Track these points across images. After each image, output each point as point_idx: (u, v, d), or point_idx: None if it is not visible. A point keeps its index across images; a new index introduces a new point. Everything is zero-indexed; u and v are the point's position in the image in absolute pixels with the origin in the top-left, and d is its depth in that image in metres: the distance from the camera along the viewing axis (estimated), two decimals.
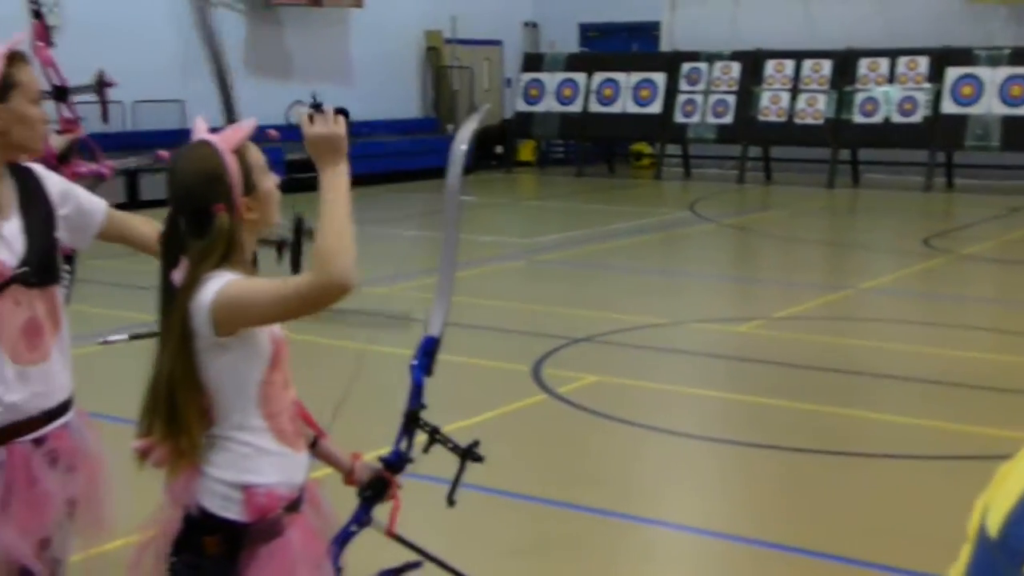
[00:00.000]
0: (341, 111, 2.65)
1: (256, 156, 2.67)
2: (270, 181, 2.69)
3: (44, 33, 4.98)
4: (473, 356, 8.05)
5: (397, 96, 22.52)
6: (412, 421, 3.07)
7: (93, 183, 3.90)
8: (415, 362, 3.11)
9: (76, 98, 4.78)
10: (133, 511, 3.18)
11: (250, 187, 2.63)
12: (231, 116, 3.45)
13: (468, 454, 3.11)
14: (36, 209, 3.04)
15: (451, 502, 3.11)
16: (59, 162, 3.64)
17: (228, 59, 3.42)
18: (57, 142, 4.00)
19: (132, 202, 16.74)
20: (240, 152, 2.63)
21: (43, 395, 3.03)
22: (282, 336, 2.70)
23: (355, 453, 3.02)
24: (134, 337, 3.36)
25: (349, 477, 3.01)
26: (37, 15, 4.11)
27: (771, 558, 5.11)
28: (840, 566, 4.99)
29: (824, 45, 21.10)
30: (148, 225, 3.23)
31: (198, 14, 3.24)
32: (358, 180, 2.66)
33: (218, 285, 2.54)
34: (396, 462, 3.02)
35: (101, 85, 5.16)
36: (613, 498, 5.79)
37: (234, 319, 2.55)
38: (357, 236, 2.54)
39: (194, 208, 2.59)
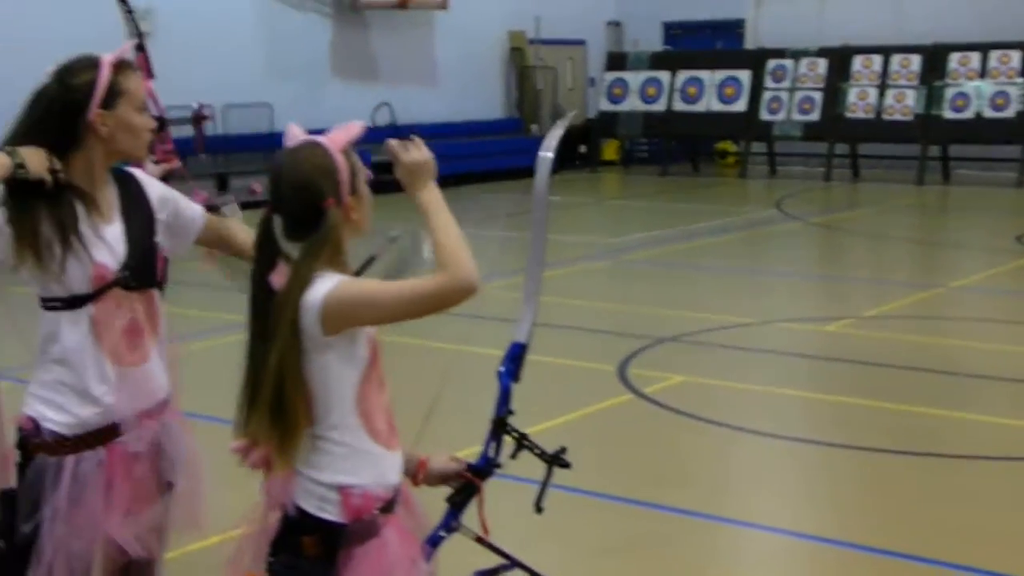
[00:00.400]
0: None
1: (358, 161, 2.73)
2: (367, 190, 2.74)
3: (146, 65, 5.08)
4: (559, 356, 8.06)
5: (481, 97, 22.60)
6: (500, 427, 3.09)
7: None
8: (502, 368, 3.13)
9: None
10: (227, 509, 3.25)
11: (355, 188, 2.69)
12: None
13: (555, 460, 3.12)
14: (137, 214, 3.11)
15: (539, 508, 3.12)
16: None
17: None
18: (154, 172, 4.09)
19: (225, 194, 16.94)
20: (346, 153, 2.69)
21: (142, 395, 3.10)
22: (375, 335, 2.73)
23: (422, 460, 3.02)
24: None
25: (415, 480, 3.02)
26: (140, 48, 4.20)
27: (860, 561, 5.06)
28: (930, 568, 4.93)
29: (913, 40, 20.76)
30: (245, 231, 3.30)
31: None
32: (442, 181, 2.75)
33: (329, 285, 2.58)
34: (484, 468, 3.03)
35: (198, 119, 5.30)
36: (700, 499, 5.78)
37: (345, 319, 2.59)
38: None
39: (304, 204, 2.62)
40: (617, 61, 23.44)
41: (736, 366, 8.34)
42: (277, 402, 2.60)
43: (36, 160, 2.89)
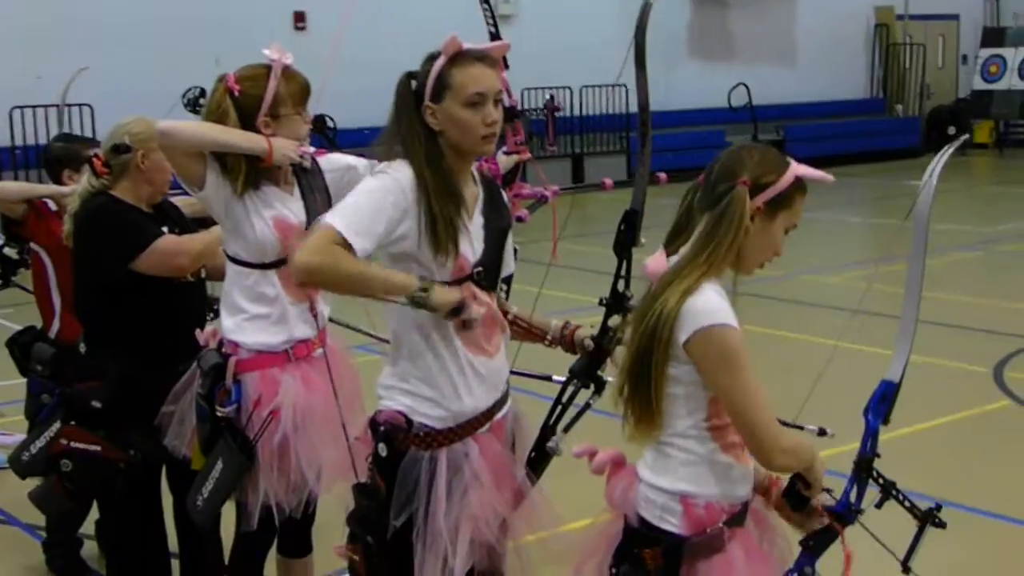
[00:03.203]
0: None
1: (799, 207, 2.62)
2: (780, 237, 2.59)
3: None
4: (927, 354, 7.49)
5: (842, 76, 21.75)
6: (864, 470, 2.78)
7: (535, 205, 3.92)
8: (870, 414, 2.81)
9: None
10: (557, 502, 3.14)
11: (773, 208, 2.55)
12: (643, 102, 3.34)
13: (928, 518, 2.78)
14: (495, 213, 3.05)
15: (906, 569, 2.79)
16: (503, 183, 3.67)
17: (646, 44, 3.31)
18: (504, 162, 4.04)
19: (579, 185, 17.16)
20: (800, 184, 2.58)
21: (498, 386, 3.05)
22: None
23: (775, 480, 2.78)
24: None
25: (768, 499, 2.80)
26: (495, 37, 4.14)
27: None
28: None
29: None
30: None
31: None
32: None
33: (714, 320, 2.44)
34: (844, 513, 2.73)
35: (551, 110, 5.24)
36: None
37: (700, 364, 2.46)
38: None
39: (723, 173, 2.53)
40: (994, 37, 21.97)
41: None
42: (639, 372, 2.51)
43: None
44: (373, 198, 2.75)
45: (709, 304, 2.45)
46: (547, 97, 5.73)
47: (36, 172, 12.61)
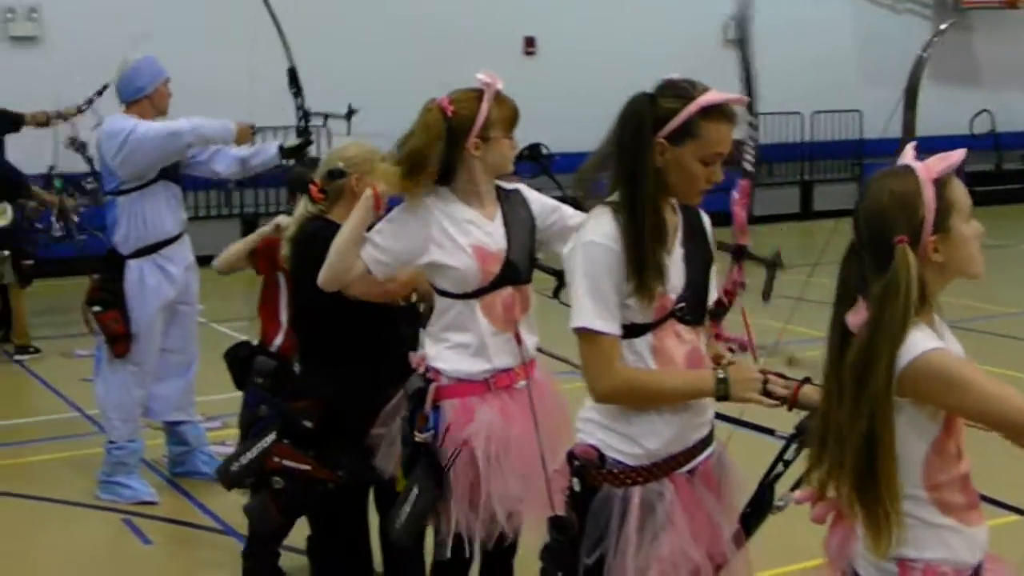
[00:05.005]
0: None
1: (959, 194, 2.38)
2: (971, 228, 2.38)
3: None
4: None
5: None
6: None
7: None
8: None
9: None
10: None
11: (943, 226, 2.35)
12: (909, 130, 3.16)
13: None
14: (697, 247, 2.98)
15: None
16: None
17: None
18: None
19: (805, 213, 16.76)
20: (941, 183, 2.36)
21: (698, 425, 2.97)
22: None
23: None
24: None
25: None
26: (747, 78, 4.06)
27: None
28: None
29: None
30: None
31: None
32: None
33: (926, 346, 2.29)
34: None
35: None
36: None
37: (927, 393, 2.29)
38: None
39: (874, 238, 2.35)
40: None
41: None
42: (867, 465, 2.31)
43: None
44: (601, 278, 2.78)
45: (921, 342, 2.30)
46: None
47: (275, 191, 13.16)
